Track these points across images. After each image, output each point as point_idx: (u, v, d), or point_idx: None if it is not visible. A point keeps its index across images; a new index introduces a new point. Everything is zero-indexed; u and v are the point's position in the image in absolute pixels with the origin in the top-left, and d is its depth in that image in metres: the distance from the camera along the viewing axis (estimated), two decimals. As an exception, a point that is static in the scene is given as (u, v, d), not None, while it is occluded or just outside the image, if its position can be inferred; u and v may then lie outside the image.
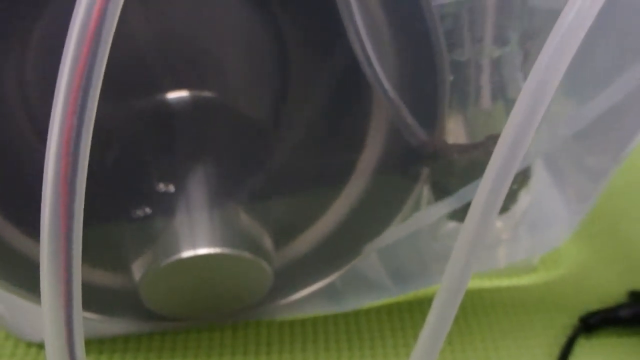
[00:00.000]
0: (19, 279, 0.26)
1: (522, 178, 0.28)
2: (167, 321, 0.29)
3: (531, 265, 0.33)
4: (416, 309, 0.31)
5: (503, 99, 0.27)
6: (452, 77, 0.25)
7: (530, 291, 0.32)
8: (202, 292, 0.27)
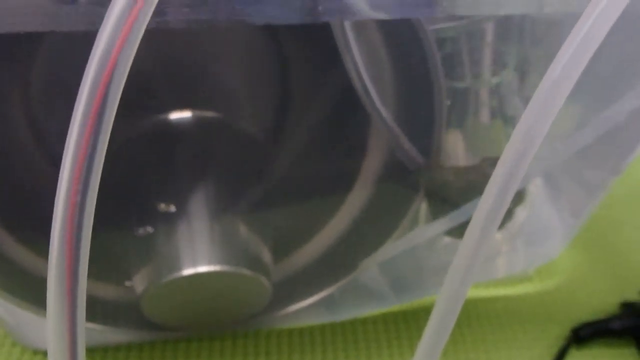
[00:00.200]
0: (16, 290, 0.27)
1: (517, 197, 0.28)
2: (169, 331, 0.29)
3: (526, 274, 0.34)
4: (412, 319, 0.31)
5: (502, 118, 0.27)
6: (449, 101, 0.25)
7: (523, 302, 0.33)
8: (202, 306, 0.27)
